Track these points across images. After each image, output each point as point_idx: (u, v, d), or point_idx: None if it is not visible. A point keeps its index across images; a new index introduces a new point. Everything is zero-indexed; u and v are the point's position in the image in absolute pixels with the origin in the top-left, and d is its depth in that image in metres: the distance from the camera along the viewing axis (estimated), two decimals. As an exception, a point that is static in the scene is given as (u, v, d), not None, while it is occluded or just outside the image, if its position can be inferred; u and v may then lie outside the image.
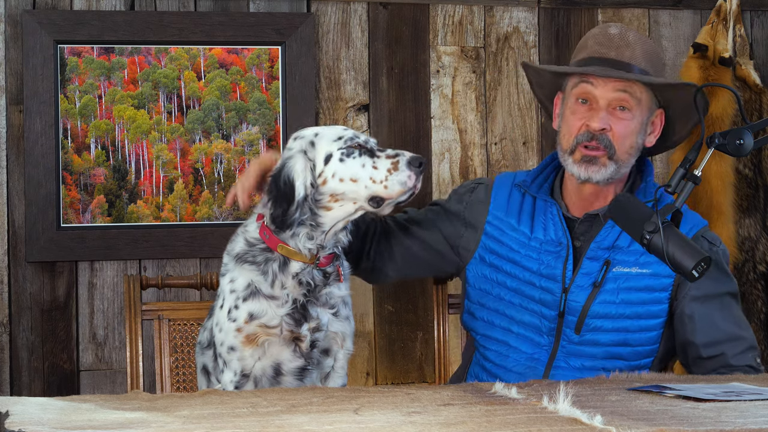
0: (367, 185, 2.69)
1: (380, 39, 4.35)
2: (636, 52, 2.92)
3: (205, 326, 2.87)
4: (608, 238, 2.95)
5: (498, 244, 3.02)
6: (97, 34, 4.11)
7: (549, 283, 2.95)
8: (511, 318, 2.99)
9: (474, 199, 3.11)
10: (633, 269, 2.94)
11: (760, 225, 4.52)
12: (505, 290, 3.00)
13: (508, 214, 3.04)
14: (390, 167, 2.69)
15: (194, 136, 4.20)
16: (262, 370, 2.72)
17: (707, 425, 2.04)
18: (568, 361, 2.94)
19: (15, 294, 4.10)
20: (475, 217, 3.08)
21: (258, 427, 2.02)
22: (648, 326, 2.94)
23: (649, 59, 2.94)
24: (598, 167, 2.92)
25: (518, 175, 3.10)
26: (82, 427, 2.03)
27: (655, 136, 2.99)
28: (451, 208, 3.12)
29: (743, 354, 2.93)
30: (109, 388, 4.14)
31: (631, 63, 2.91)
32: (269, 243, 2.72)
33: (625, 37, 2.94)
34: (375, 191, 2.69)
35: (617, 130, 2.91)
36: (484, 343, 3.04)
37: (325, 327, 2.74)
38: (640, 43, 2.94)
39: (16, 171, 4.09)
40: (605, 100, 2.91)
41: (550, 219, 2.99)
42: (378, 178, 2.69)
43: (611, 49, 2.93)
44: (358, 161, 2.70)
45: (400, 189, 2.69)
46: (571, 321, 2.93)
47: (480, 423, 2.07)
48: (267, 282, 2.71)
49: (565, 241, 2.96)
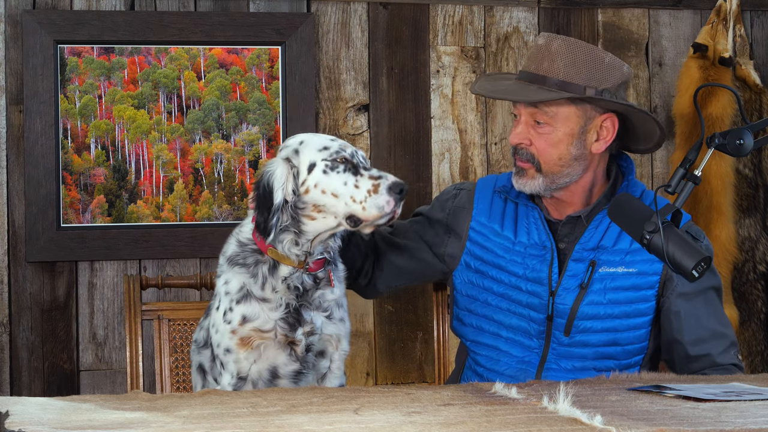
0: (347, 203, 2.67)
1: (380, 39, 4.35)
2: (555, 63, 2.91)
3: (201, 325, 2.87)
4: (592, 239, 2.95)
5: (483, 250, 3.03)
6: (97, 34, 4.11)
7: (535, 287, 2.96)
8: (499, 323, 3.00)
9: (457, 205, 3.12)
10: (619, 269, 2.95)
11: (760, 225, 4.52)
12: (492, 295, 3.01)
13: (491, 219, 3.05)
14: (371, 188, 2.66)
15: (194, 136, 4.20)
16: (258, 373, 2.72)
17: (707, 425, 2.05)
18: (559, 363, 2.95)
19: (15, 294, 4.10)
20: (458, 224, 3.09)
21: (258, 427, 2.02)
22: (636, 325, 2.95)
23: (576, 67, 2.91)
24: (527, 179, 2.96)
25: (499, 179, 3.11)
26: (82, 427, 2.03)
27: (605, 142, 2.96)
28: (434, 217, 3.14)
29: (727, 352, 2.96)
30: (109, 388, 4.15)
31: (547, 75, 2.91)
32: (260, 245, 2.72)
33: (548, 47, 2.94)
34: (353, 210, 2.67)
35: (537, 143, 2.94)
36: (475, 349, 3.05)
37: (319, 330, 2.74)
38: (564, 52, 2.92)
39: (16, 171, 4.09)
40: (524, 114, 2.96)
41: (533, 223, 3.00)
42: (358, 198, 2.66)
43: (532, 62, 2.96)
44: (341, 177, 2.68)
45: (376, 213, 2.66)
46: (560, 323, 2.94)
47: (480, 423, 2.07)
48: (257, 284, 2.71)
49: (549, 244, 2.97)
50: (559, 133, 2.93)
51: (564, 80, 2.90)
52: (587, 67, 2.91)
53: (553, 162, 2.94)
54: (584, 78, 2.90)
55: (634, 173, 3.05)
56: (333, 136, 2.76)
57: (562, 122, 2.93)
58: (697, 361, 2.94)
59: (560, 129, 2.93)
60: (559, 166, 2.94)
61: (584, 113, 2.94)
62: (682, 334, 2.94)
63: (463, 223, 3.08)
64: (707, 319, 2.96)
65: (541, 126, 2.93)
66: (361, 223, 2.68)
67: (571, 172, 2.96)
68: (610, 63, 2.93)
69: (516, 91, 2.94)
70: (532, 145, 2.94)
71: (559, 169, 2.94)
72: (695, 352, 2.94)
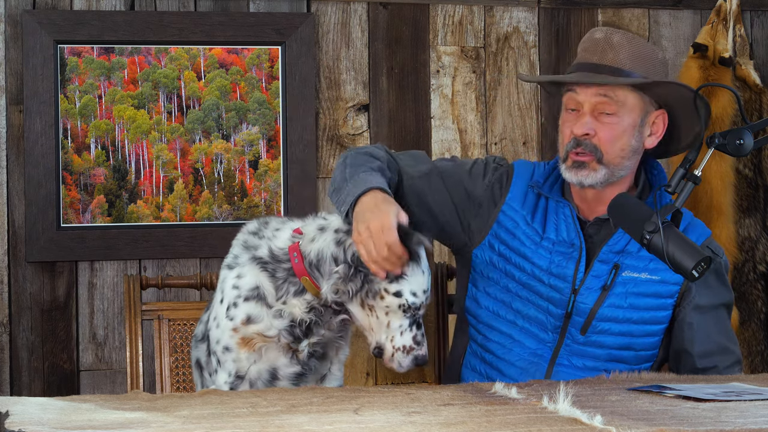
0: (387, 337, 2.70)
1: (380, 39, 4.35)
2: (620, 55, 2.92)
3: (201, 319, 2.84)
4: (620, 242, 2.95)
5: (510, 235, 3.01)
6: (97, 34, 4.11)
7: (558, 282, 2.95)
8: (517, 311, 2.98)
9: (494, 180, 3.07)
10: (642, 275, 2.94)
11: (760, 225, 4.52)
12: (514, 282, 2.99)
13: (524, 207, 3.02)
14: (407, 347, 2.70)
15: (194, 136, 4.20)
16: (257, 374, 2.71)
17: (707, 425, 2.05)
18: (571, 360, 2.94)
19: (15, 294, 4.10)
20: (492, 200, 3.03)
21: (258, 427, 2.02)
22: (652, 332, 2.95)
23: (638, 60, 2.93)
24: (588, 171, 2.93)
25: (536, 171, 3.07)
26: (82, 427, 2.03)
27: (657, 137, 2.98)
28: (468, 183, 3.05)
29: (731, 368, 2.96)
30: (109, 388, 4.14)
31: (613, 66, 2.91)
32: (295, 267, 2.69)
33: (609, 40, 2.94)
34: (384, 346, 2.71)
35: (602, 134, 2.91)
36: (487, 333, 3.01)
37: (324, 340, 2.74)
38: (626, 44, 2.93)
39: (16, 171, 4.09)
40: (589, 105, 2.92)
41: (563, 220, 2.99)
42: (396, 344, 2.70)
43: (595, 54, 2.94)
44: (401, 319, 2.68)
45: (394, 366, 2.71)
46: (578, 321, 2.93)
47: (480, 423, 2.06)
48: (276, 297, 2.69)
49: (578, 243, 2.96)
50: (624, 123, 2.92)
51: (630, 71, 2.90)
52: (648, 61, 2.94)
53: (615, 153, 2.92)
54: (646, 71, 2.92)
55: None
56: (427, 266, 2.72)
57: (628, 112, 2.92)
58: (703, 373, 2.93)
59: (625, 119, 2.92)
60: (621, 158, 2.93)
61: (644, 105, 2.95)
62: (692, 345, 2.94)
63: (497, 201, 3.04)
64: (716, 334, 2.97)
65: (607, 116, 2.92)
66: (381, 358, 2.74)
67: (629, 165, 2.96)
68: (663, 59, 2.98)
69: (593, 77, 2.90)
70: (596, 135, 2.92)
71: (620, 161, 2.94)
72: (703, 364, 2.94)
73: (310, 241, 2.68)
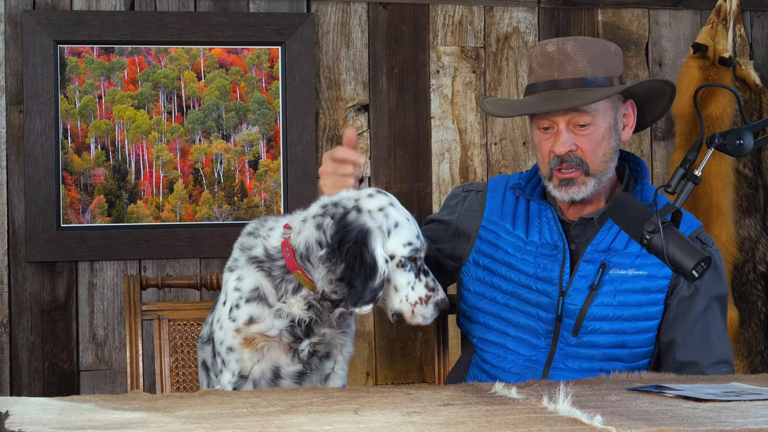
0: (401, 299, 2.69)
1: (380, 39, 4.35)
2: (579, 64, 2.90)
3: (206, 321, 2.87)
4: (604, 241, 2.95)
5: (493, 248, 3.03)
6: (97, 34, 4.11)
7: (546, 286, 2.95)
8: (507, 321, 3.00)
9: (466, 208, 3.11)
10: (629, 271, 2.94)
11: (760, 225, 4.52)
12: (501, 293, 3.00)
13: (502, 217, 3.04)
14: (423, 297, 2.70)
15: (194, 136, 4.20)
16: (260, 373, 2.72)
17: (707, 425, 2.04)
18: (566, 363, 2.94)
19: (15, 294, 4.10)
20: (467, 226, 3.09)
21: (258, 427, 2.02)
22: (645, 328, 2.95)
23: (596, 62, 2.91)
24: (578, 187, 2.93)
25: (512, 178, 3.11)
26: (82, 427, 2.03)
27: (630, 128, 3.00)
28: (444, 219, 3.14)
29: (715, 367, 2.94)
30: (109, 388, 4.15)
31: (575, 78, 2.90)
32: (288, 263, 2.70)
33: (563, 50, 2.91)
34: (402, 309, 2.70)
35: (584, 146, 2.92)
36: (482, 346, 3.05)
37: (326, 339, 2.74)
38: (580, 51, 2.91)
39: (16, 171, 4.09)
40: (563, 122, 2.92)
41: (545, 222, 3.00)
42: (411, 300, 2.70)
43: (553, 69, 2.92)
44: (406, 276, 2.70)
45: (420, 321, 2.70)
46: (569, 324, 2.94)
47: (480, 423, 2.07)
48: (276, 296, 2.70)
49: (561, 245, 2.96)
50: (601, 128, 2.92)
51: (593, 77, 2.90)
52: (605, 59, 2.93)
53: (600, 160, 2.93)
54: (605, 70, 2.92)
55: (648, 177, 3.05)
56: (409, 214, 2.72)
57: (603, 116, 2.92)
58: (684, 367, 2.92)
59: (602, 124, 2.92)
60: (605, 162, 2.94)
61: (614, 104, 2.95)
62: (676, 335, 2.94)
63: (474, 224, 3.08)
64: (703, 328, 2.95)
65: (583, 128, 2.91)
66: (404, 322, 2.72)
67: (612, 166, 2.98)
68: (616, 50, 2.97)
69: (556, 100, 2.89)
70: (579, 149, 2.92)
71: (605, 166, 2.94)
72: (683, 357, 2.92)
73: (297, 234, 2.70)
